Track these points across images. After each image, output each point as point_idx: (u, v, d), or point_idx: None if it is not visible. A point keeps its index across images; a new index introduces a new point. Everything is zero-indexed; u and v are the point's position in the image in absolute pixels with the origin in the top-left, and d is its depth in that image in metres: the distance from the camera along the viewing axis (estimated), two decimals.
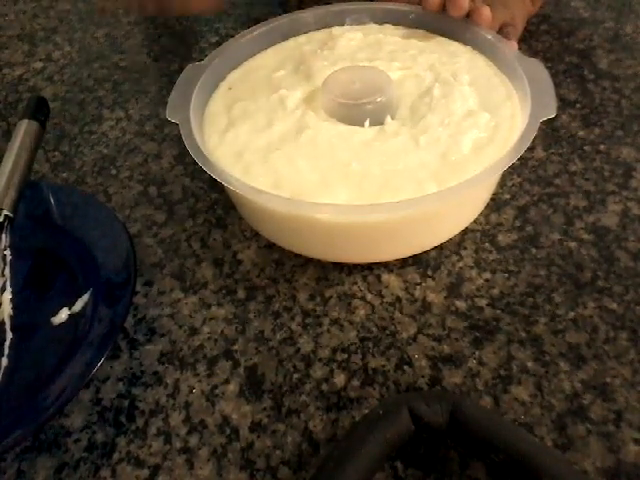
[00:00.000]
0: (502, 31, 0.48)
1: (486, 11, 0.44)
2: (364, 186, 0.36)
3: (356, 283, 0.39)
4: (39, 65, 0.64)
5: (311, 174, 0.37)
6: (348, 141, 0.39)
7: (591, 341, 0.35)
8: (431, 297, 0.38)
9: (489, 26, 0.45)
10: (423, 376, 0.34)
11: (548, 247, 0.40)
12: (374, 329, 0.37)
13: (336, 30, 0.49)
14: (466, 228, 0.41)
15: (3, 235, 0.38)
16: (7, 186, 0.39)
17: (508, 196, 0.44)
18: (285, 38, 0.49)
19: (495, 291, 0.38)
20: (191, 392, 0.34)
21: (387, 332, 0.36)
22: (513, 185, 0.44)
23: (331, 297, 0.39)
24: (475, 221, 0.41)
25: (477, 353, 0.35)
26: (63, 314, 0.37)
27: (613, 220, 0.41)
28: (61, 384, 0.32)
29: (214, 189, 0.47)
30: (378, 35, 0.48)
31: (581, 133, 0.48)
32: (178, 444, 0.32)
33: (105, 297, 0.37)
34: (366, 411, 0.32)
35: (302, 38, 0.49)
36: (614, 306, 0.36)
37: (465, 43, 0.46)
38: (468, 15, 0.45)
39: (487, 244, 0.41)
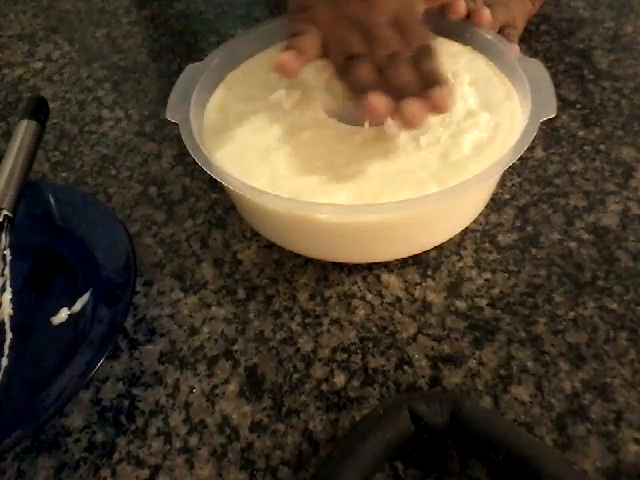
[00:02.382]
0: (502, 32, 0.47)
1: (486, 13, 0.44)
2: (364, 186, 0.36)
3: (356, 283, 0.39)
4: (39, 65, 0.64)
5: (311, 174, 0.37)
6: (348, 141, 0.39)
7: (591, 341, 0.35)
8: (431, 297, 0.38)
9: (489, 27, 0.45)
10: (423, 376, 0.34)
11: (548, 247, 0.40)
12: (374, 329, 0.37)
13: None
14: (466, 228, 0.41)
15: (3, 235, 0.38)
16: (7, 186, 0.39)
17: (508, 196, 0.44)
18: (285, 38, 0.49)
19: (495, 291, 0.38)
20: (191, 392, 0.35)
21: (387, 332, 0.36)
22: (513, 185, 0.44)
23: (331, 297, 0.39)
24: (475, 221, 0.41)
25: (477, 353, 0.35)
26: (63, 314, 0.37)
27: (613, 220, 0.41)
28: (61, 384, 0.32)
29: (214, 189, 0.47)
30: None
31: (581, 133, 0.48)
32: (178, 444, 0.32)
33: (105, 297, 0.37)
34: (366, 411, 0.32)
35: None
36: (614, 306, 0.36)
37: (465, 43, 0.46)
38: (469, 16, 0.45)
39: (487, 244, 0.41)
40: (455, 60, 0.44)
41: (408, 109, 0.34)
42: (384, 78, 0.35)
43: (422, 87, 0.35)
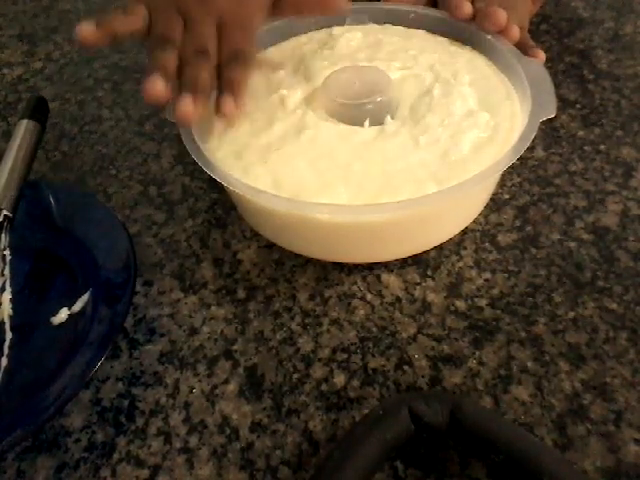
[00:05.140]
0: (519, 41, 0.46)
1: (502, 14, 0.43)
2: (364, 186, 0.36)
3: (356, 283, 0.39)
4: (39, 65, 0.64)
5: (311, 174, 0.37)
6: (348, 141, 0.39)
7: (591, 341, 0.35)
8: (431, 297, 0.38)
9: (500, 28, 0.44)
10: (423, 376, 0.34)
11: (548, 247, 0.40)
12: (374, 329, 0.37)
13: (336, 30, 0.49)
14: (466, 228, 0.41)
15: (3, 235, 0.38)
16: (7, 186, 0.39)
17: (508, 196, 0.44)
18: (285, 38, 0.49)
19: (495, 291, 0.38)
20: (191, 392, 0.34)
21: (387, 332, 0.36)
22: (513, 185, 0.44)
23: (331, 297, 0.39)
24: (475, 221, 0.41)
25: (477, 353, 0.35)
26: (63, 314, 0.37)
27: (613, 220, 0.41)
28: (61, 384, 0.32)
29: (214, 189, 0.47)
30: (378, 35, 0.48)
31: (581, 133, 0.48)
32: (178, 444, 0.32)
33: (105, 297, 0.37)
34: (366, 411, 0.32)
35: (302, 38, 0.49)
36: (614, 306, 0.36)
37: (465, 43, 0.46)
38: (474, 17, 0.44)
39: (487, 244, 0.41)
40: (455, 60, 0.44)
41: (181, 102, 0.35)
42: (181, 71, 0.37)
43: (221, 88, 0.37)
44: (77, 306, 0.37)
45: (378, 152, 0.38)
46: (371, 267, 0.40)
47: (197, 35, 0.38)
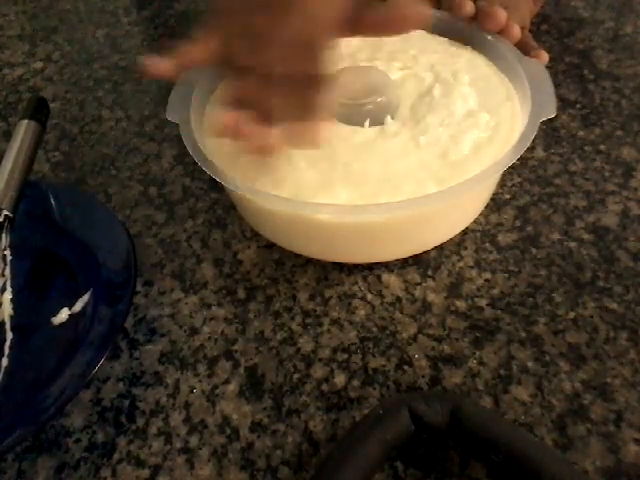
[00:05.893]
0: (521, 41, 0.46)
1: (502, 14, 0.42)
2: (364, 186, 0.36)
3: (356, 283, 0.39)
4: (39, 65, 0.64)
5: (311, 174, 0.37)
6: (348, 141, 0.39)
7: (591, 341, 0.35)
8: (431, 297, 0.38)
9: (500, 27, 0.44)
10: (423, 376, 0.34)
11: (548, 247, 0.40)
12: (374, 329, 0.37)
13: None
14: (466, 228, 0.41)
15: (3, 235, 0.38)
16: (7, 186, 0.39)
17: (508, 196, 0.44)
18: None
19: (495, 291, 0.38)
20: (191, 392, 0.35)
21: (387, 332, 0.36)
22: (513, 185, 0.44)
23: (331, 297, 0.39)
24: (475, 221, 0.41)
25: (477, 353, 0.35)
26: (63, 314, 0.37)
27: (613, 220, 0.41)
28: (61, 384, 0.32)
29: (214, 189, 0.47)
30: None
31: (581, 133, 0.48)
32: (178, 444, 0.32)
33: (105, 297, 0.37)
34: (366, 411, 0.32)
35: None
36: (614, 306, 0.36)
37: (465, 43, 0.46)
38: (475, 16, 0.44)
39: (487, 244, 0.41)
40: (455, 60, 0.44)
41: (257, 137, 0.34)
42: (262, 94, 0.35)
43: (296, 115, 0.34)
44: (77, 306, 0.37)
45: (378, 152, 0.38)
46: (371, 267, 0.40)
47: (275, 59, 0.35)
